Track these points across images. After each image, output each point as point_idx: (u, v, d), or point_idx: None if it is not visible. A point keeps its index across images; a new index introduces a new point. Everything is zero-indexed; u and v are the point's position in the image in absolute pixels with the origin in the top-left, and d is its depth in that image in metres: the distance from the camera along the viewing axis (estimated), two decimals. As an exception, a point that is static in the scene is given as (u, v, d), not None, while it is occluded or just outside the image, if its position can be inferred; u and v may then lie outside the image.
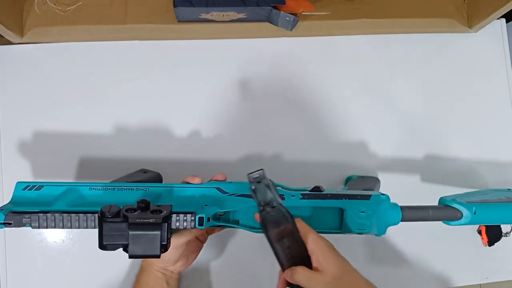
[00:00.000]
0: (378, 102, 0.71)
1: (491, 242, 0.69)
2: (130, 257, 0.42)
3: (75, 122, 0.65)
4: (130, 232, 0.42)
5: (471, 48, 0.74)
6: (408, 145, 0.70)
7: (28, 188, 0.50)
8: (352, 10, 0.69)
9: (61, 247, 0.64)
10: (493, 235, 0.69)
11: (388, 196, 0.54)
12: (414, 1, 0.70)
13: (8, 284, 0.62)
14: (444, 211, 0.55)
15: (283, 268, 0.47)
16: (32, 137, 0.62)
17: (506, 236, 0.71)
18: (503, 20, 0.74)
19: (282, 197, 0.51)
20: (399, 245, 0.69)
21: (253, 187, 0.48)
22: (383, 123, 0.70)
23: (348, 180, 0.67)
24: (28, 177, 0.63)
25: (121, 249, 0.43)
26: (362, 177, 0.66)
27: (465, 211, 0.54)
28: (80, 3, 0.64)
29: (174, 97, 0.67)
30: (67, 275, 0.63)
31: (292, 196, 0.52)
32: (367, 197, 0.53)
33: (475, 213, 0.54)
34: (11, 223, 0.48)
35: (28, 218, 0.47)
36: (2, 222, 0.47)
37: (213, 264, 0.66)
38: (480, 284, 0.72)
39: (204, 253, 0.59)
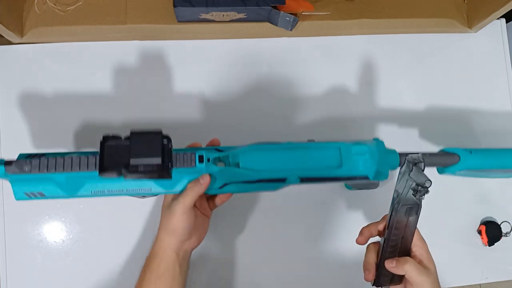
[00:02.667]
0: (378, 102, 0.71)
1: (491, 242, 0.69)
2: (131, 169, 0.42)
3: (75, 122, 0.65)
4: (132, 137, 0.43)
5: (471, 48, 0.74)
6: (407, 144, 0.70)
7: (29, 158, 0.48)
8: (352, 10, 0.69)
9: (61, 247, 0.64)
10: (493, 235, 0.69)
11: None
12: (414, 1, 0.70)
13: (8, 284, 0.62)
14: (441, 156, 0.55)
15: (385, 256, 0.49)
16: (31, 138, 0.62)
17: (506, 236, 0.71)
18: (503, 20, 0.75)
19: None
20: (399, 245, 0.69)
21: (410, 168, 0.48)
22: (383, 122, 0.70)
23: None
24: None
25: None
26: None
27: (462, 153, 0.54)
28: (80, 3, 0.64)
29: (174, 97, 0.67)
30: (67, 275, 0.63)
31: None
32: (363, 141, 0.53)
33: (471, 152, 0.54)
34: (11, 162, 0.47)
35: (29, 163, 0.46)
36: (4, 161, 0.47)
37: (215, 264, 0.66)
38: (480, 284, 0.71)
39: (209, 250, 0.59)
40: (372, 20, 0.69)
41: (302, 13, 0.65)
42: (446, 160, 0.54)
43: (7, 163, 0.47)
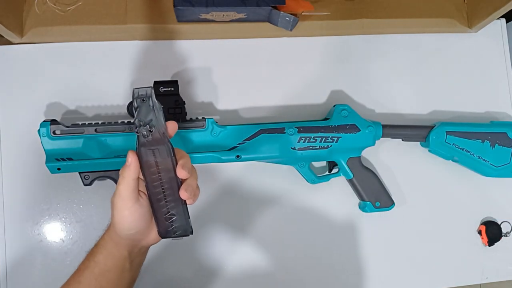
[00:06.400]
0: (378, 102, 0.71)
1: (491, 242, 0.69)
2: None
3: (75, 122, 0.65)
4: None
5: (471, 48, 0.74)
6: (407, 145, 0.70)
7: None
8: (352, 10, 0.69)
9: (61, 247, 0.64)
10: (493, 235, 0.69)
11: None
12: (414, 1, 0.70)
13: (8, 284, 0.62)
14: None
15: (157, 204, 0.47)
16: (31, 137, 0.61)
17: (506, 236, 0.71)
18: (503, 20, 0.74)
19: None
20: (399, 244, 0.69)
21: (135, 104, 0.44)
22: (383, 122, 0.70)
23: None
24: (27, 177, 0.63)
25: None
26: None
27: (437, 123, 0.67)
28: (80, 3, 0.64)
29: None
30: (67, 275, 0.63)
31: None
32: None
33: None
34: (68, 126, 0.58)
35: (80, 128, 0.57)
36: (66, 126, 0.57)
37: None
38: (480, 284, 0.72)
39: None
40: (372, 20, 0.69)
41: (302, 13, 0.65)
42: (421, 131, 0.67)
43: (53, 122, 0.57)
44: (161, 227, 0.49)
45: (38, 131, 0.57)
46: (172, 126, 0.47)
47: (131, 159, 0.45)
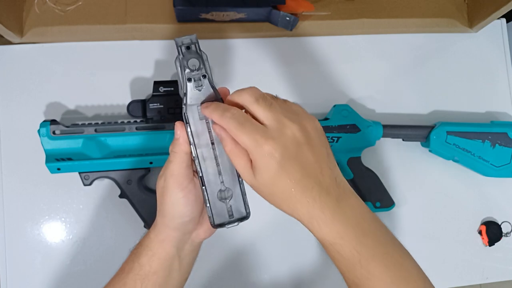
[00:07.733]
0: (378, 102, 0.71)
1: (491, 242, 0.69)
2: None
3: (75, 122, 0.65)
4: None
5: (471, 48, 0.74)
6: (407, 145, 0.70)
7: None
8: (352, 10, 0.69)
9: (61, 247, 0.64)
10: (493, 235, 0.69)
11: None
12: (414, 1, 0.70)
13: (8, 284, 0.62)
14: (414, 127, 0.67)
15: (207, 186, 0.40)
16: (31, 137, 0.62)
17: (507, 236, 0.71)
18: (503, 20, 0.74)
19: None
20: (399, 245, 0.69)
21: (182, 51, 0.41)
22: (383, 123, 0.70)
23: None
24: (27, 177, 0.63)
25: None
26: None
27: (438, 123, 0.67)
28: (80, 3, 0.64)
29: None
30: (67, 275, 0.63)
31: None
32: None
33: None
34: (68, 126, 0.57)
35: (80, 128, 0.57)
36: (66, 126, 0.57)
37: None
38: (480, 284, 0.71)
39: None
40: (372, 20, 0.69)
41: (302, 13, 0.65)
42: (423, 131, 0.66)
43: (53, 122, 0.57)
44: (214, 211, 0.41)
45: (38, 131, 0.57)
46: (224, 90, 0.42)
47: (180, 131, 0.40)
